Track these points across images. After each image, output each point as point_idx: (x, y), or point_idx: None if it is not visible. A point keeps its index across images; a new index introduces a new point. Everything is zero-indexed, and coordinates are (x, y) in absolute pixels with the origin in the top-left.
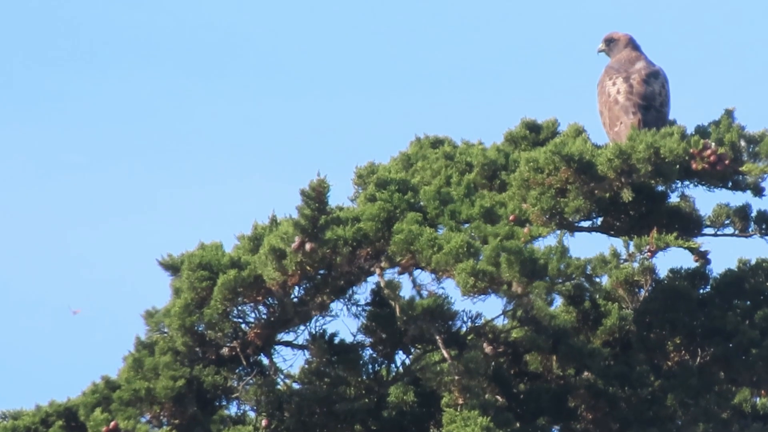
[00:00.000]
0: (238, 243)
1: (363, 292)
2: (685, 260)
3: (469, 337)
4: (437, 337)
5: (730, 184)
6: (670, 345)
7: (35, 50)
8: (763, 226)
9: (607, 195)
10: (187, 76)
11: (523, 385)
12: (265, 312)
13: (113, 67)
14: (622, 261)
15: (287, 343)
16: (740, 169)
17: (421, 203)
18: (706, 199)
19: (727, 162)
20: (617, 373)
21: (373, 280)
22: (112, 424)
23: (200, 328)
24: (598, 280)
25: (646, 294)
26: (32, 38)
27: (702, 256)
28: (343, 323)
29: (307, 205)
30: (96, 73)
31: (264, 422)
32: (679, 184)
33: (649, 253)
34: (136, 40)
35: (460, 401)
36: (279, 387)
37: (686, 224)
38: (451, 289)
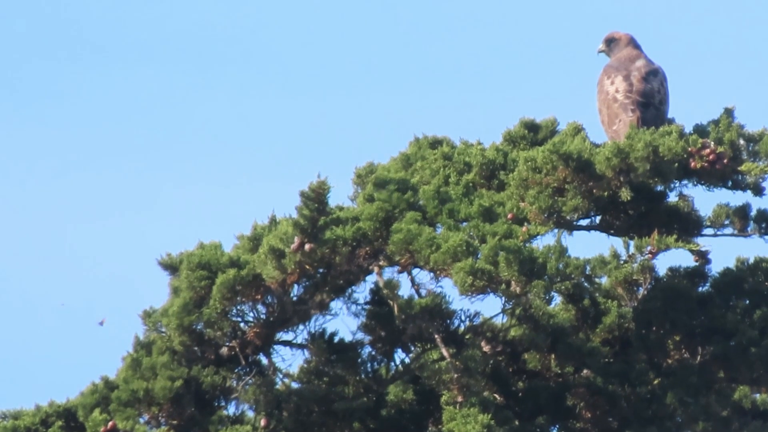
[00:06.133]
0: (238, 243)
1: (362, 291)
2: (685, 259)
3: (467, 336)
4: (436, 336)
5: (729, 183)
6: (669, 343)
7: (35, 49)
8: (763, 225)
9: (606, 194)
10: (187, 75)
11: (521, 383)
12: (264, 311)
13: (113, 66)
14: (622, 261)
15: (286, 343)
16: (739, 168)
17: (420, 203)
18: (705, 199)
19: (726, 161)
20: (616, 371)
21: (372, 279)
22: (110, 424)
23: (199, 327)
24: (597, 279)
25: (645, 293)
26: (31, 37)
27: (702, 256)
28: (343, 322)
29: (306, 206)
30: (96, 71)
31: (263, 422)
32: (678, 184)
33: (650, 255)
34: (136, 38)
35: (459, 399)
36: (278, 386)
37: (685, 224)
38: (449, 288)
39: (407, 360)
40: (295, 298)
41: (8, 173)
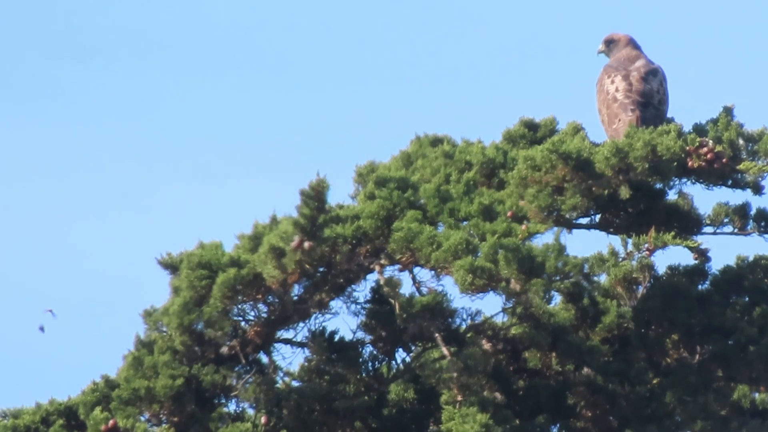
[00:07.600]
0: (239, 242)
1: (362, 290)
2: (684, 257)
3: (468, 335)
4: (436, 335)
5: (729, 182)
6: (668, 342)
7: (36, 48)
8: (762, 224)
9: (605, 192)
10: (188, 74)
11: (522, 381)
12: (264, 310)
13: (114, 65)
14: (620, 259)
15: (287, 341)
16: (738, 167)
17: (421, 201)
18: (705, 198)
19: (724, 160)
20: (616, 370)
21: (372, 277)
22: (111, 422)
23: (199, 327)
24: (596, 278)
25: (645, 291)
26: (32, 36)
27: (702, 254)
28: (343, 321)
29: (306, 205)
30: (96, 70)
31: (263, 419)
32: (677, 182)
33: (647, 252)
34: (136, 37)
35: (460, 398)
36: (278, 385)
37: (685, 222)
38: (450, 286)
39: (408, 359)
40: (295, 297)
41: (8, 172)
